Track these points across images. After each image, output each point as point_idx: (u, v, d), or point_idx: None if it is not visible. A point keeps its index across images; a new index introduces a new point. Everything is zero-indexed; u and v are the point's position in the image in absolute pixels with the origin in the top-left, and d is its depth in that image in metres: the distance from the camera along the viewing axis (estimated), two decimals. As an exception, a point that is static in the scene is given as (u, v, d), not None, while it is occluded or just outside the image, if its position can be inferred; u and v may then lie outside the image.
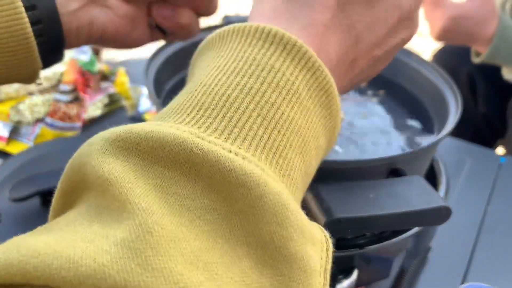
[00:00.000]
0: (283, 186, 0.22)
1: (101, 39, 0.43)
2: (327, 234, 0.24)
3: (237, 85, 0.24)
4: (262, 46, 0.26)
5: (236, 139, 0.22)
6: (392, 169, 0.43)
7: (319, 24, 0.28)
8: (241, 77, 0.24)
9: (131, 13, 0.43)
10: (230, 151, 0.21)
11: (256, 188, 0.20)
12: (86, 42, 0.43)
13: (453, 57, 1.15)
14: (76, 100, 0.83)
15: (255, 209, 0.20)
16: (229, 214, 0.20)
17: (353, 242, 0.46)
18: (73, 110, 0.82)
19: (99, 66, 0.90)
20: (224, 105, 0.23)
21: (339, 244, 0.45)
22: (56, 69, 0.83)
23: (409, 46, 0.54)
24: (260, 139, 0.23)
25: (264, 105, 0.24)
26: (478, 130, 1.19)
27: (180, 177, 0.20)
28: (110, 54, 1.14)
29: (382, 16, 0.30)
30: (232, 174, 0.20)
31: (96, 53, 0.91)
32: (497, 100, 1.13)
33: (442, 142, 0.48)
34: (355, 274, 0.45)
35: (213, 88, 0.24)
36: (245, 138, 0.22)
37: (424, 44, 2.75)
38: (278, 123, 0.24)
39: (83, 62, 0.86)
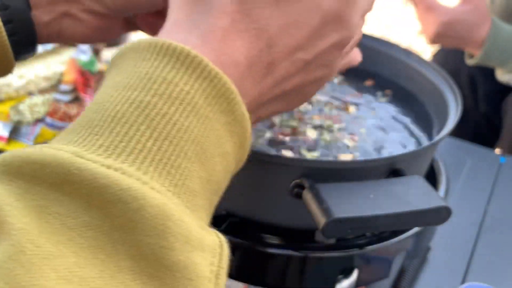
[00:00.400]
0: (170, 195, 0.22)
1: (71, 42, 0.46)
2: (224, 239, 0.24)
3: (127, 100, 0.24)
4: (155, 60, 0.26)
5: (120, 154, 0.22)
6: (392, 169, 0.43)
7: (217, 29, 0.28)
8: (132, 91, 0.24)
9: (104, 25, 0.44)
10: (109, 167, 0.21)
11: (134, 202, 0.20)
12: (56, 42, 0.46)
13: (454, 57, 1.15)
14: (76, 100, 0.83)
15: (134, 223, 0.20)
16: (110, 230, 0.20)
17: (353, 242, 0.46)
18: (73, 110, 0.82)
19: (99, 66, 0.90)
20: (112, 120, 0.23)
21: (339, 244, 0.46)
22: (56, 69, 0.83)
23: (409, 45, 0.54)
24: (149, 151, 0.23)
25: (154, 117, 0.24)
26: (479, 129, 1.19)
27: (62, 197, 0.21)
28: (110, 54, 1.14)
29: (299, 19, 0.30)
30: (109, 190, 0.20)
31: (96, 53, 0.91)
32: (497, 99, 1.13)
33: (442, 142, 0.48)
34: (355, 274, 0.45)
35: (103, 105, 0.24)
36: (131, 152, 0.22)
37: (424, 43, 2.75)
38: (170, 134, 0.24)
39: (83, 62, 0.86)
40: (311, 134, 0.51)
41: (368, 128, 0.53)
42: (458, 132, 1.10)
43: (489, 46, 0.86)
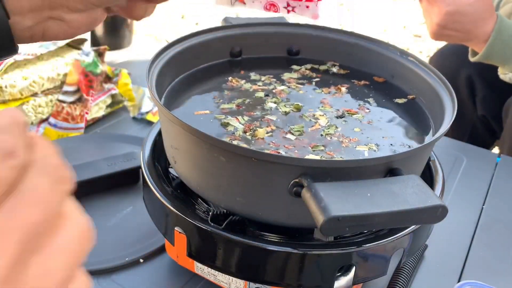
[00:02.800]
0: None
1: (54, 41, 0.45)
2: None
3: None
4: None
5: None
6: (390, 169, 0.43)
7: None
8: None
9: (87, 20, 0.45)
10: None
11: None
12: (41, 41, 0.46)
13: (452, 60, 1.15)
14: (79, 101, 0.84)
15: None
16: None
17: (351, 240, 0.47)
18: (76, 111, 0.83)
19: (102, 68, 0.90)
20: None
21: (337, 242, 0.46)
22: (60, 70, 0.84)
23: (406, 48, 0.55)
24: None
25: None
26: (476, 132, 1.20)
27: None
28: (113, 56, 1.15)
29: None
30: None
31: (100, 55, 0.92)
32: (495, 102, 1.14)
33: (439, 142, 0.49)
34: (352, 272, 0.46)
35: None
36: None
37: (421, 45, 2.75)
38: None
39: (86, 64, 0.86)
40: (323, 122, 0.53)
41: (366, 128, 0.54)
42: (455, 134, 1.11)
43: (494, 42, 0.85)
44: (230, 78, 0.61)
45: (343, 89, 0.61)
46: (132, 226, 0.65)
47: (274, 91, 0.59)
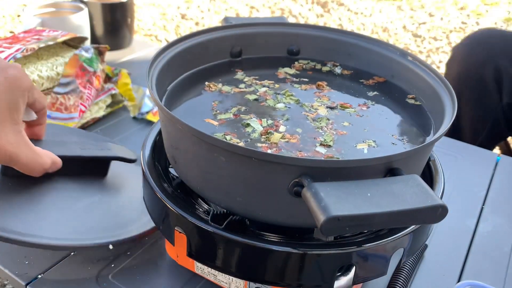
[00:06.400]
0: None
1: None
2: None
3: None
4: None
5: None
6: (390, 169, 0.43)
7: None
8: None
9: None
10: None
11: None
12: None
13: (479, 51, 1.12)
14: (74, 91, 0.83)
15: None
16: None
17: (351, 240, 0.47)
18: (69, 101, 0.82)
19: (101, 66, 0.90)
20: None
21: (337, 242, 0.46)
22: (59, 70, 0.84)
23: (405, 47, 0.55)
24: None
25: None
26: (497, 125, 1.18)
27: None
28: (113, 56, 1.15)
29: None
30: None
31: (100, 53, 0.92)
32: None
33: (439, 142, 0.49)
34: (352, 272, 0.46)
35: None
36: None
37: (421, 45, 2.76)
38: None
39: (85, 58, 0.86)
40: (322, 111, 0.55)
41: (366, 128, 0.54)
42: (475, 125, 1.09)
43: None
44: (206, 83, 0.61)
45: (325, 85, 0.62)
46: (99, 215, 0.60)
47: (257, 93, 0.59)
